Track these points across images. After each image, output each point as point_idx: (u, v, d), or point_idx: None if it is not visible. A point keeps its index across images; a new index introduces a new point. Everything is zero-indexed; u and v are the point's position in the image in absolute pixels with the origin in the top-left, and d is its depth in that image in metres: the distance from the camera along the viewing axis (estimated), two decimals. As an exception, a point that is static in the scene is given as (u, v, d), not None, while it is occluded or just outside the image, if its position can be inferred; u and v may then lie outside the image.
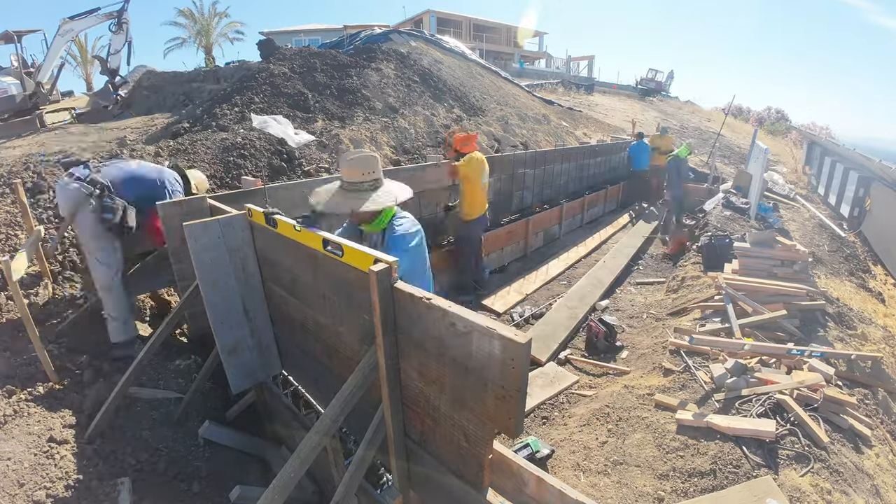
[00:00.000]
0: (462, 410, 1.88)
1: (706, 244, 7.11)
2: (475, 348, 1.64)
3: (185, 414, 3.47)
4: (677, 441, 3.39)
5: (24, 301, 3.15)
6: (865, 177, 14.20)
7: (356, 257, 2.03)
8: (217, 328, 3.10)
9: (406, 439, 2.35)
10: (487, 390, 1.68)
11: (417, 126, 9.93)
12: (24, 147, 10.08)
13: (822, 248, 10.40)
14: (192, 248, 2.88)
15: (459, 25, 42.13)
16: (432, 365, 1.90)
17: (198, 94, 13.63)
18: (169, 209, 3.66)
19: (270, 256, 2.99)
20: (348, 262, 2.09)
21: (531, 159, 8.89)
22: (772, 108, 45.76)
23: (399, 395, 2.18)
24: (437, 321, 1.76)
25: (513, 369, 1.54)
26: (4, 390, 3.12)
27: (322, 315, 2.61)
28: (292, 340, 3.26)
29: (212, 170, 6.26)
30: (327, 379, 2.91)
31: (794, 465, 3.05)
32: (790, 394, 3.58)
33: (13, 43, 14.16)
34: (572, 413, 4.25)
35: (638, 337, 5.56)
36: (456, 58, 16.98)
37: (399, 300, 1.90)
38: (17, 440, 2.80)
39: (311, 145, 7.70)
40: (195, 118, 8.70)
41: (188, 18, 32.90)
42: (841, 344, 5.00)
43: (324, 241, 2.22)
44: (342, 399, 2.09)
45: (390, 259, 1.86)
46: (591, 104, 26.34)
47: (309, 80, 9.74)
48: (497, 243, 7.83)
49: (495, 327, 1.55)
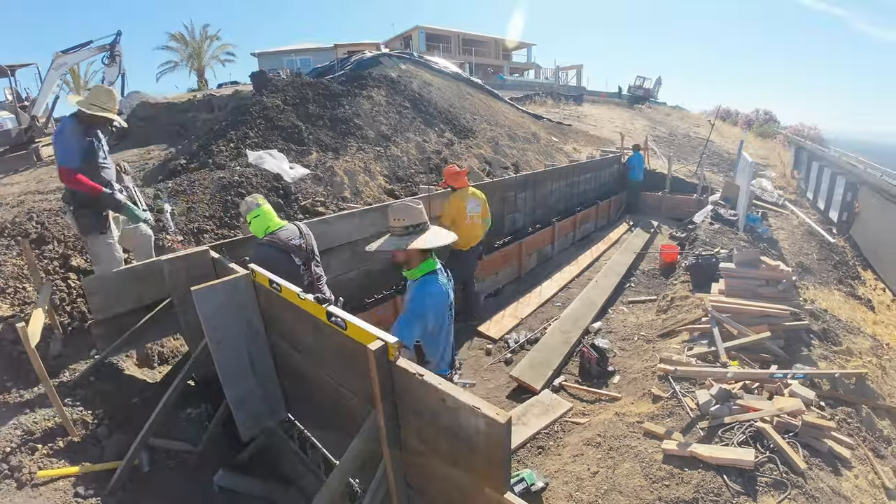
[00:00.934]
0: (456, 468, 2.06)
1: (693, 264, 7.33)
2: (464, 421, 1.83)
3: (200, 462, 3.64)
4: (663, 470, 3.57)
5: (41, 363, 3.32)
6: (853, 181, 14.48)
7: (359, 333, 2.22)
8: (226, 382, 3.29)
9: (407, 489, 2.54)
10: (477, 456, 1.87)
11: (410, 153, 10.16)
12: (21, 184, 10.27)
13: (810, 256, 10.62)
14: (199, 310, 3.08)
15: (448, 40, 42.59)
16: (428, 429, 2.09)
17: (192, 124, 13.87)
18: (174, 264, 3.86)
19: (275, 315, 3.18)
20: (351, 335, 2.28)
21: (521, 182, 9.12)
22: (760, 110, 46.25)
23: (399, 451, 2.37)
24: (429, 395, 1.95)
25: (497, 442, 1.73)
26: (27, 447, 3.28)
27: (324, 373, 2.80)
28: (297, 390, 3.45)
29: (211, 210, 6.46)
30: (331, 429, 3.10)
31: (772, 492, 3.23)
32: (770, 421, 3.77)
33: (6, 77, 14.36)
34: (566, 442, 4.43)
35: (629, 360, 5.74)
36: (445, 78, 17.30)
37: (397, 373, 2.10)
38: (45, 497, 2.97)
39: (307, 179, 7.91)
40: (191, 154, 8.91)
41: (180, 42, 33.35)
42: (825, 363, 5.19)
43: (328, 313, 2.41)
44: (348, 461, 2.28)
45: (391, 340, 2.06)
46: (580, 115, 26.67)
47: (302, 111, 9.98)
48: (491, 267, 8.03)
49: (480, 406, 1.74)
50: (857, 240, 13.57)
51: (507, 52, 50.22)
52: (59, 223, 5.28)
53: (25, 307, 4.33)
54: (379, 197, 8.54)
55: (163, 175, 8.70)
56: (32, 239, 4.93)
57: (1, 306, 4.26)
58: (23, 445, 3.26)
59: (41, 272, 4.53)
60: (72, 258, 4.97)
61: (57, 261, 4.92)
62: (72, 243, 5.09)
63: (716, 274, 6.84)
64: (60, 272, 4.84)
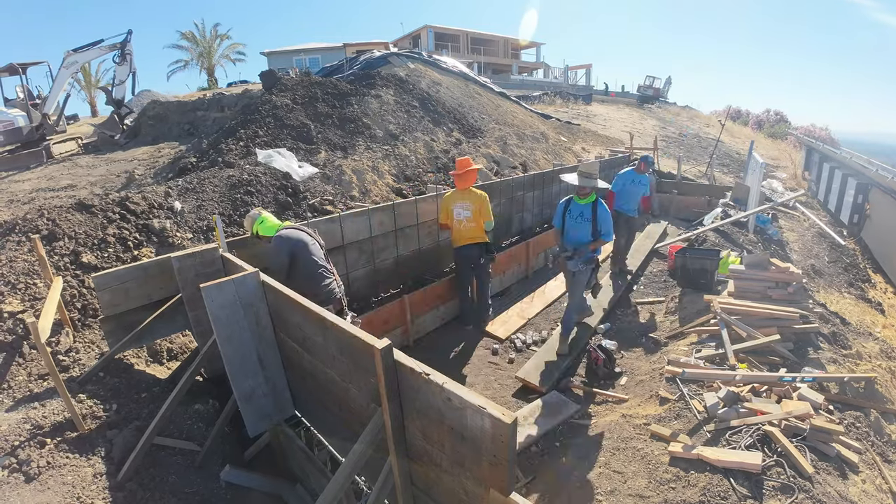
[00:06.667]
0: (461, 469, 2.07)
1: (681, 266, 7.37)
2: (469, 421, 1.84)
3: (206, 458, 3.67)
4: (669, 473, 3.56)
5: (51, 357, 3.36)
6: (864, 183, 14.32)
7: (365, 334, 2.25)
8: (234, 377, 3.31)
9: (412, 487, 2.54)
10: (482, 456, 1.87)
11: (418, 153, 10.17)
12: (33, 181, 10.37)
13: (821, 258, 10.54)
14: (208, 306, 3.09)
15: (457, 40, 42.57)
16: (433, 428, 2.10)
17: (202, 123, 13.94)
18: (183, 261, 3.89)
19: (282, 313, 3.19)
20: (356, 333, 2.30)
21: (529, 182, 9.11)
22: (771, 111, 45.91)
23: (405, 450, 2.37)
24: (435, 394, 1.95)
25: (502, 442, 1.73)
26: (36, 441, 3.32)
27: (331, 371, 2.81)
28: (304, 387, 3.46)
29: (220, 208, 6.49)
30: (338, 426, 3.11)
31: (778, 496, 3.21)
32: (778, 424, 3.75)
33: (18, 75, 14.51)
34: (572, 443, 4.43)
35: (637, 362, 5.72)
36: (454, 77, 17.30)
37: (402, 371, 2.10)
38: (53, 490, 3.01)
39: (315, 177, 7.93)
40: (201, 152, 8.97)
41: (190, 41, 33.54)
42: (834, 366, 5.14)
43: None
44: (353, 459, 2.29)
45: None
46: (589, 115, 26.58)
47: (311, 110, 10.01)
48: (499, 267, 8.01)
49: (486, 406, 1.74)
50: (868, 242, 13.42)
51: (515, 51, 50.14)
52: (70, 220, 5.32)
53: (36, 303, 4.37)
54: (387, 196, 8.55)
55: (173, 173, 8.77)
56: (43, 235, 4.97)
57: (12, 302, 4.30)
58: (31, 439, 3.30)
59: (52, 268, 4.57)
60: (82, 255, 5.01)
61: (68, 257, 4.96)
62: (82, 240, 5.13)
63: (711, 281, 6.94)
64: (71, 268, 4.89)
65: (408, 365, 2.05)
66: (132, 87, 15.49)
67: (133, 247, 5.38)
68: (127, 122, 15.07)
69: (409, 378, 2.07)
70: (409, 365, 2.04)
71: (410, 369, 2.03)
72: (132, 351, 4.42)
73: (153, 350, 4.70)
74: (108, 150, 13.24)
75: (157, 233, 5.65)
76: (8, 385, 3.69)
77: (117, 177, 9.96)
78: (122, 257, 5.20)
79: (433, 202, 6.65)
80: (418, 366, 2.03)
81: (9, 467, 3.09)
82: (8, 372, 3.77)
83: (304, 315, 2.81)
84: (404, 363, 2.06)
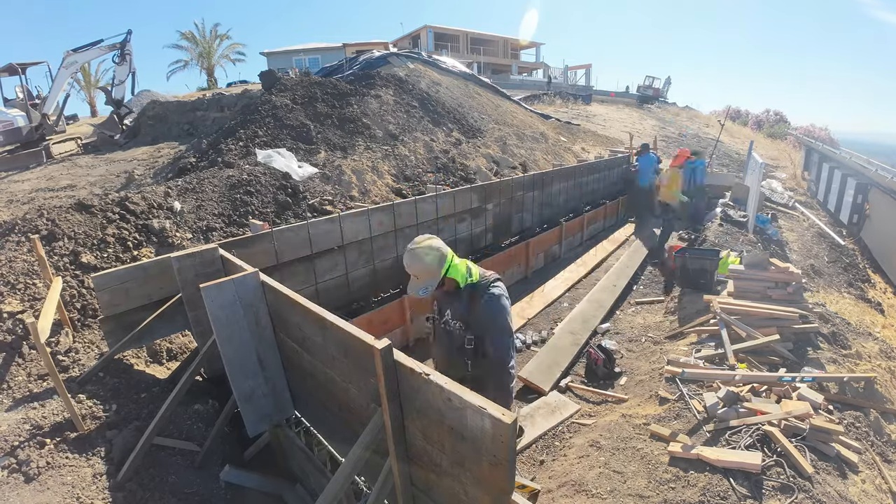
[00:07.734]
0: (461, 469, 2.06)
1: (681, 266, 7.38)
2: (469, 422, 1.83)
3: (206, 458, 3.67)
4: (669, 473, 3.56)
5: (50, 358, 3.35)
6: (863, 183, 14.31)
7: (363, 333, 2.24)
8: (233, 377, 3.30)
9: (412, 487, 2.54)
10: (482, 456, 1.87)
11: (417, 153, 10.17)
12: (32, 181, 10.37)
13: (821, 258, 10.54)
14: (208, 307, 3.09)
15: (457, 40, 42.58)
16: (433, 429, 2.09)
17: (202, 123, 13.95)
18: (183, 261, 3.89)
19: (282, 313, 3.19)
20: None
21: (529, 182, 9.10)
22: (770, 111, 45.98)
23: (405, 450, 2.37)
24: (435, 394, 1.95)
25: (502, 443, 1.73)
26: (36, 441, 3.32)
27: (331, 371, 2.81)
28: (304, 387, 3.46)
29: (220, 208, 6.49)
30: (338, 426, 3.11)
31: (778, 495, 3.21)
32: (778, 424, 3.75)
33: (17, 75, 14.52)
34: (572, 443, 4.43)
35: (636, 362, 5.72)
36: (453, 77, 17.30)
37: (402, 371, 2.10)
38: (53, 491, 3.00)
39: (315, 178, 7.93)
40: (201, 152, 8.97)
41: (190, 41, 33.52)
42: (834, 366, 5.14)
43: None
44: (353, 459, 2.29)
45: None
46: (588, 115, 26.59)
47: (311, 110, 10.01)
48: (498, 267, 8.01)
49: (486, 406, 1.74)
50: (868, 242, 13.42)
51: (515, 51, 50.14)
52: (70, 220, 5.32)
53: (36, 303, 4.38)
54: (387, 196, 8.55)
55: (173, 173, 8.77)
56: (43, 235, 4.97)
57: (12, 302, 4.30)
58: (31, 439, 3.30)
59: (51, 269, 4.57)
60: (82, 255, 5.01)
61: (67, 257, 4.96)
62: (82, 240, 5.13)
63: (710, 281, 6.93)
64: (71, 269, 4.89)
65: (408, 365, 2.05)
66: (132, 87, 15.50)
67: (133, 247, 5.38)
68: (126, 122, 15.08)
69: (409, 378, 2.07)
70: (409, 365, 2.04)
71: (410, 369, 2.03)
72: (132, 351, 4.42)
73: (153, 350, 4.70)
74: (108, 150, 13.25)
75: (157, 233, 5.66)
76: (8, 385, 3.68)
77: (117, 177, 9.96)
78: (121, 257, 5.21)
79: (433, 202, 6.64)
80: (418, 366, 2.03)
81: (8, 467, 3.09)
82: (8, 372, 3.77)
83: (303, 315, 2.81)
84: (404, 363, 2.06)
